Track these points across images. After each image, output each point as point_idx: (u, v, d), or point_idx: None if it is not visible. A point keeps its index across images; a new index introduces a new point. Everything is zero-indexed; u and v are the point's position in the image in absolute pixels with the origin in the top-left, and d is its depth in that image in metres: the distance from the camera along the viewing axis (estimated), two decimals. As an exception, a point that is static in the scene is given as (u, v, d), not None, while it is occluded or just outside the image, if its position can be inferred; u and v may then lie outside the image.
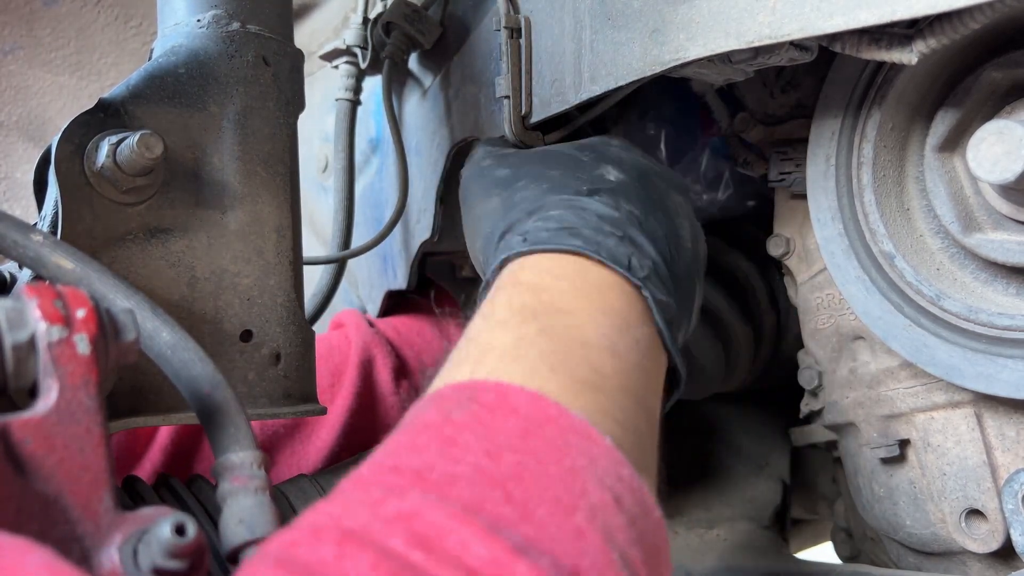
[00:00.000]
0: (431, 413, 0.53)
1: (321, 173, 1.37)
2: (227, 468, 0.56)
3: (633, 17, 0.76)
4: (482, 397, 0.53)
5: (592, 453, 0.51)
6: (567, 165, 0.75)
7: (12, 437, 0.46)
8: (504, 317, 0.61)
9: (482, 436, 0.50)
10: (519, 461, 0.49)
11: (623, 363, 0.60)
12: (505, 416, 0.52)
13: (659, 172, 0.78)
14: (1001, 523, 0.77)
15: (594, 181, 0.72)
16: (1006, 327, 0.72)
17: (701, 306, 0.77)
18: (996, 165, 0.66)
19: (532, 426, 0.51)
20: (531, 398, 0.53)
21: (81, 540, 0.47)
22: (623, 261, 0.65)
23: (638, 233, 0.68)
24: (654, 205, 0.72)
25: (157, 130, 0.72)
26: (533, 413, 0.52)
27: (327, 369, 1.07)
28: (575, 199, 0.70)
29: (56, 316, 0.48)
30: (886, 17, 0.60)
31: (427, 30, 1.06)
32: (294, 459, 1.05)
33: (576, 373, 0.57)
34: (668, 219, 0.72)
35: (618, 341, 0.61)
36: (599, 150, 0.78)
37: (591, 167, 0.74)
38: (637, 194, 0.72)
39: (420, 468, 0.48)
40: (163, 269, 0.74)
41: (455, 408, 0.52)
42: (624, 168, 0.74)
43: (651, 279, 0.66)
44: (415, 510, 0.45)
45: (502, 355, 0.57)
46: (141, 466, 0.99)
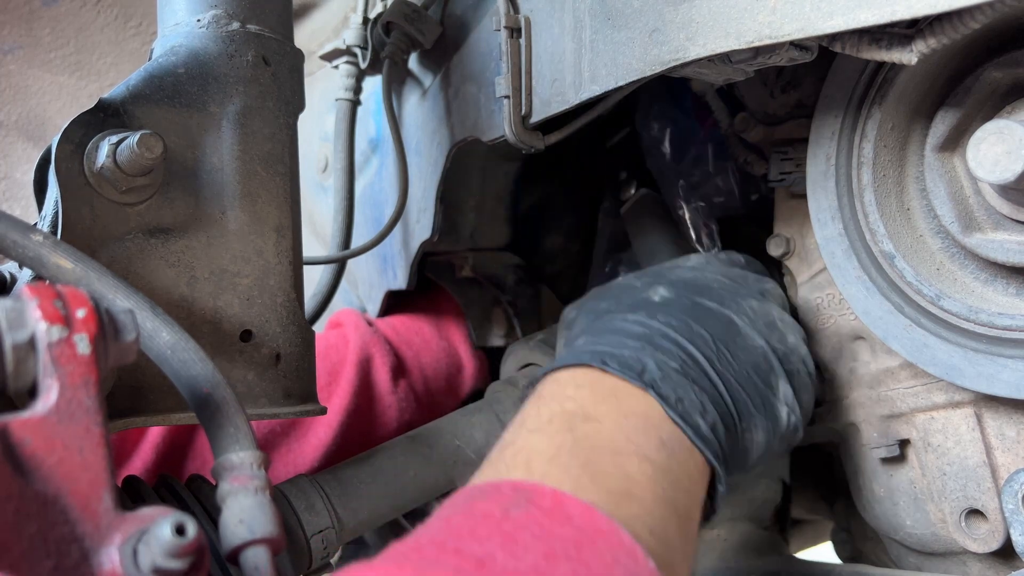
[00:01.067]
0: (490, 505, 0.56)
1: (321, 173, 1.37)
2: (227, 468, 0.56)
3: (633, 17, 0.76)
4: (539, 500, 0.56)
5: (637, 573, 0.54)
6: (618, 294, 0.80)
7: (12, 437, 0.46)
8: (537, 425, 0.65)
9: (540, 538, 0.52)
10: (574, 570, 0.51)
11: (652, 467, 0.63)
12: (562, 523, 0.54)
13: (729, 283, 0.81)
14: (1001, 523, 0.77)
15: (636, 305, 0.77)
16: (1006, 327, 0.72)
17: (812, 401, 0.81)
18: (996, 165, 0.66)
19: (586, 538, 0.54)
20: (585, 511, 0.56)
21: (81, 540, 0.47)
22: (634, 367, 0.69)
23: (667, 340, 0.72)
24: (702, 312, 0.76)
25: (157, 130, 0.72)
26: (586, 525, 0.55)
27: (324, 368, 1.07)
28: (609, 323, 0.75)
29: (56, 316, 0.48)
30: (886, 17, 0.60)
31: (427, 30, 1.06)
32: (290, 457, 1.05)
33: (612, 482, 0.60)
34: (721, 322, 0.76)
35: (643, 443, 0.65)
36: (661, 273, 0.82)
37: (641, 291, 0.79)
38: (680, 306, 0.76)
39: (482, 557, 0.51)
40: (163, 269, 0.74)
41: (513, 506, 0.55)
42: (676, 287, 0.78)
43: (669, 379, 0.69)
44: None
45: (545, 461, 0.61)
46: (132, 463, 0.99)
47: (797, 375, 0.80)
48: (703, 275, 0.82)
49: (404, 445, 0.96)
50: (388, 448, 0.95)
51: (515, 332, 1.29)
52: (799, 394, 0.80)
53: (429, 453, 0.96)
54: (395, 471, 0.92)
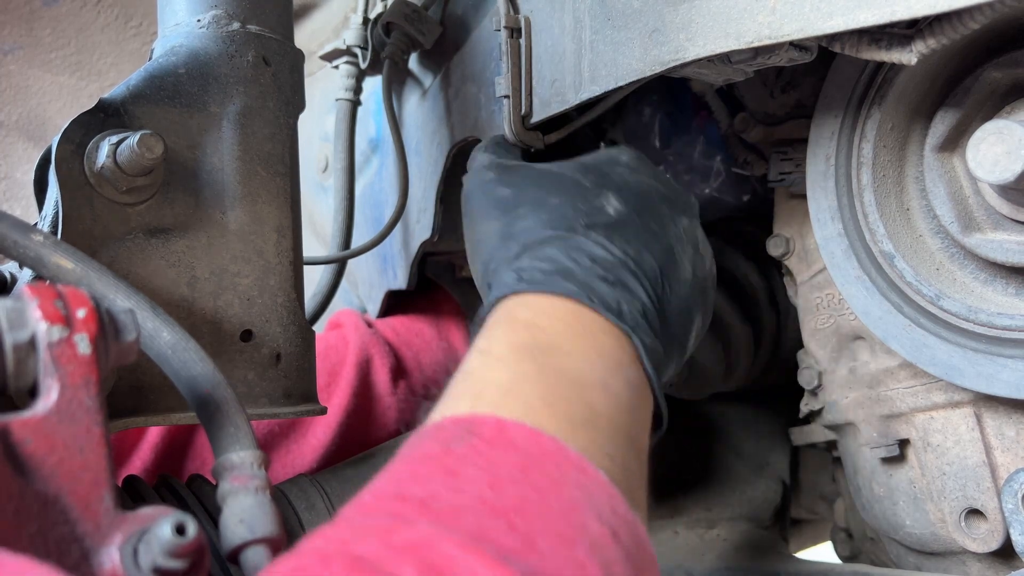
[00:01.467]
0: (431, 444, 0.54)
1: (321, 173, 1.37)
2: (227, 468, 0.56)
3: (633, 17, 0.76)
4: (481, 430, 0.54)
5: (589, 488, 0.53)
6: (568, 191, 0.76)
7: (12, 437, 0.46)
8: (502, 354, 0.63)
9: (483, 468, 0.51)
10: (520, 494, 0.50)
11: (616, 402, 0.62)
12: (504, 449, 0.53)
13: (664, 195, 0.79)
14: (1001, 523, 0.77)
15: (592, 214, 0.74)
16: (1006, 327, 0.72)
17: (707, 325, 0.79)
18: (996, 165, 0.66)
19: (531, 460, 0.52)
20: (529, 433, 0.54)
21: (81, 540, 0.47)
22: (614, 307, 0.67)
23: (630, 276, 0.70)
24: (652, 239, 0.74)
25: (157, 130, 0.72)
26: (531, 448, 0.53)
27: (323, 369, 1.07)
28: (571, 237, 0.72)
29: (56, 316, 0.48)
30: (886, 17, 0.60)
31: (427, 30, 1.06)
32: (289, 458, 1.05)
33: (572, 411, 0.58)
34: (665, 253, 0.74)
35: (611, 381, 0.63)
36: (604, 171, 0.79)
37: (592, 195, 0.75)
38: (634, 229, 0.74)
39: (424, 497, 0.49)
40: (163, 269, 0.74)
41: (454, 440, 0.53)
42: (625, 197, 0.76)
43: (640, 325, 0.68)
44: (425, 539, 0.46)
45: (500, 391, 0.59)
46: (131, 464, 0.99)
47: (708, 301, 0.78)
48: (643, 181, 0.79)
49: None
50: (389, 448, 0.95)
51: (515, 332, 1.28)
52: (704, 319, 0.78)
53: (429, 453, 0.95)
54: (395, 471, 0.92)
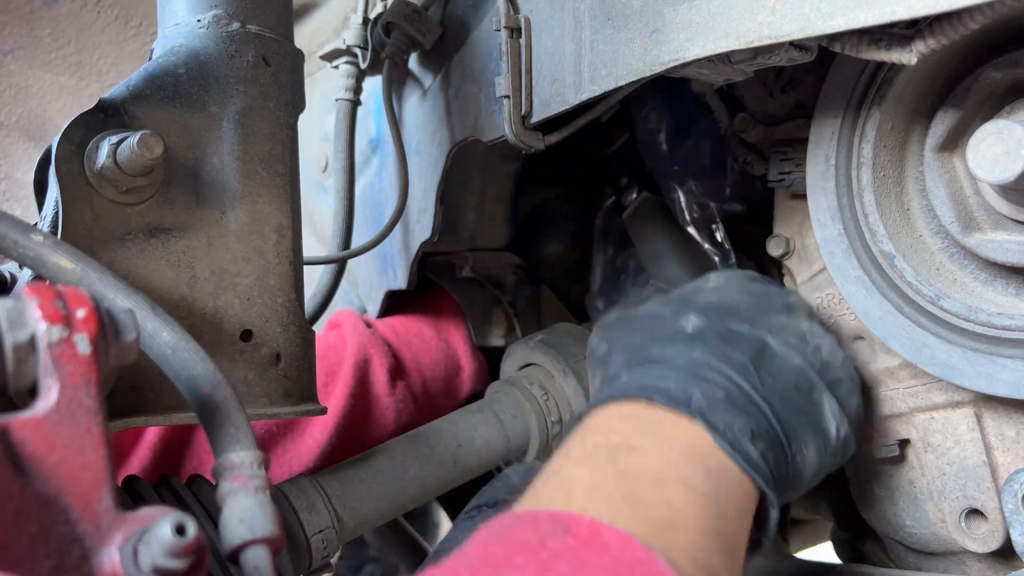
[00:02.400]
0: (527, 533, 0.55)
1: (321, 173, 1.37)
2: (227, 468, 0.56)
3: (633, 17, 0.76)
4: (576, 530, 0.55)
5: None
6: (650, 326, 0.79)
7: (12, 437, 0.46)
8: (581, 457, 0.65)
9: (575, 567, 0.52)
10: None
11: (696, 495, 0.62)
12: (598, 553, 0.54)
13: (754, 302, 0.80)
14: (1001, 523, 0.77)
15: (671, 337, 0.76)
16: (1006, 327, 0.72)
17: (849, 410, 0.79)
18: (996, 165, 0.66)
19: (623, 567, 0.53)
20: (622, 540, 0.55)
21: (81, 540, 0.47)
22: (680, 398, 0.68)
23: (707, 368, 0.71)
24: (735, 338, 0.75)
25: (157, 130, 0.72)
26: (624, 555, 0.54)
27: (322, 369, 1.07)
28: (645, 358, 0.75)
29: (56, 316, 0.48)
30: (886, 17, 0.60)
31: (427, 30, 1.06)
32: (287, 457, 1.06)
33: (653, 511, 0.59)
34: (754, 346, 0.75)
35: (689, 473, 0.64)
36: (687, 298, 0.81)
37: (672, 322, 0.78)
38: (714, 334, 0.75)
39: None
40: (163, 269, 0.74)
41: (550, 535, 0.55)
42: (706, 313, 0.77)
43: (717, 408, 0.69)
44: None
45: (587, 492, 0.60)
46: (129, 464, 0.99)
47: (839, 385, 0.78)
48: (728, 297, 0.81)
49: (404, 445, 0.96)
50: (388, 448, 0.95)
51: (515, 332, 1.29)
52: (844, 404, 0.78)
53: (429, 453, 0.96)
54: (395, 471, 0.92)
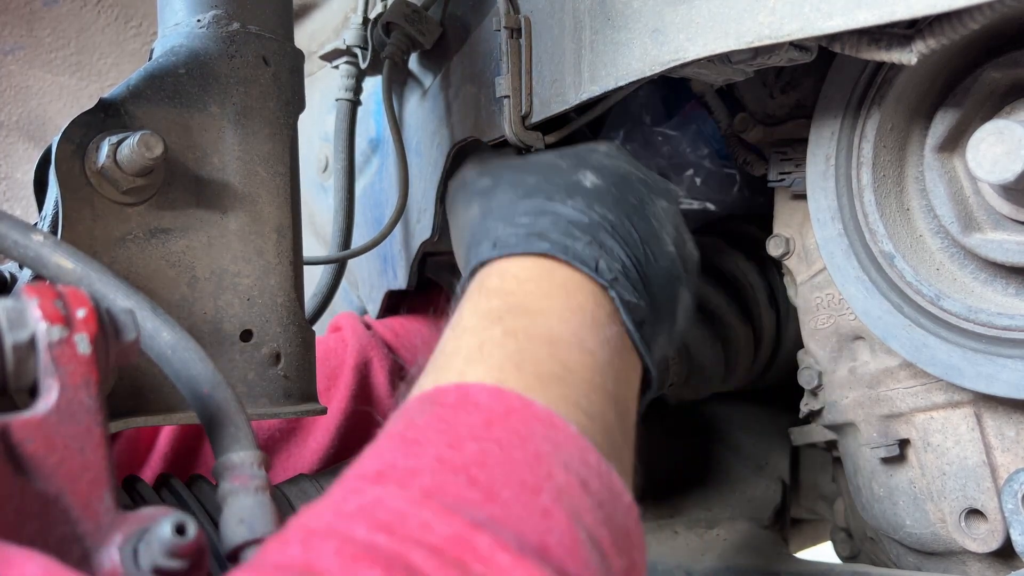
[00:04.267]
0: (394, 423, 0.54)
1: (321, 173, 1.37)
2: (227, 468, 0.56)
3: (633, 17, 0.76)
4: (443, 399, 0.54)
5: (557, 439, 0.52)
6: (545, 171, 0.75)
7: (12, 437, 0.46)
8: (470, 323, 0.62)
9: (443, 431, 0.51)
10: (482, 449, 0.50)
11: (592, 359, 0.60)
12: (467, 412, 0.53)
13: (643, 178, 0.78)
14: (1001, 523, 0.77)
15: (569, 187, 0.72)
16: (1006, 327, 0.72)
17: (695, 307, 0.78)
18: (996, 165, 0.66)
19: (495, 417, 0.52)
20: (492, 392, 0.54)
21: (81, 540, 0.47)
22: (590, 263, 0.66)
23: (608, 237, 0.69)
24: (631, 210, 0.73)
25: (157, 130, 0.72)
26: (495, 406, 0.53)
27: (323, 372, 1.07)
28: (547, 204, 0.70)
29: (56, 316, 0.48)
30: (886, 17, 0.60)
31: (427, 30, 1.06)
32: (290, 462, 1.06)
33: (542, 368, 0.57)
34: (646, 223, 0.73)
35: (587, 338, 0.61)
36: (581, 156, 0.78)
37: (569, 172, 0.75)
38: (613, 199, 0.72)
39: (382, 468, 0.49)
40: (163, 269, 0.74)
41: (417, 415, 0.53)
42: (603, 174, 0.75)
43: (619, 281, 0.66)
44: (375, 501, 0.46)
45: (466, 359, 0.58)
46: (142, 474, 0.99)
47: (691, 281, 0.77)
48: (620, 165, 0.78)
49: (404, 445, 0.96)
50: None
51: (515, 332, 1.28)
52: (692, 301, 0.77)
53: (429, 453, 0.95)
54: (395, 471, 0.92)
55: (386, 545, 0.43)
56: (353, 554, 0.42)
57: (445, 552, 0.44)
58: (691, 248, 0.78)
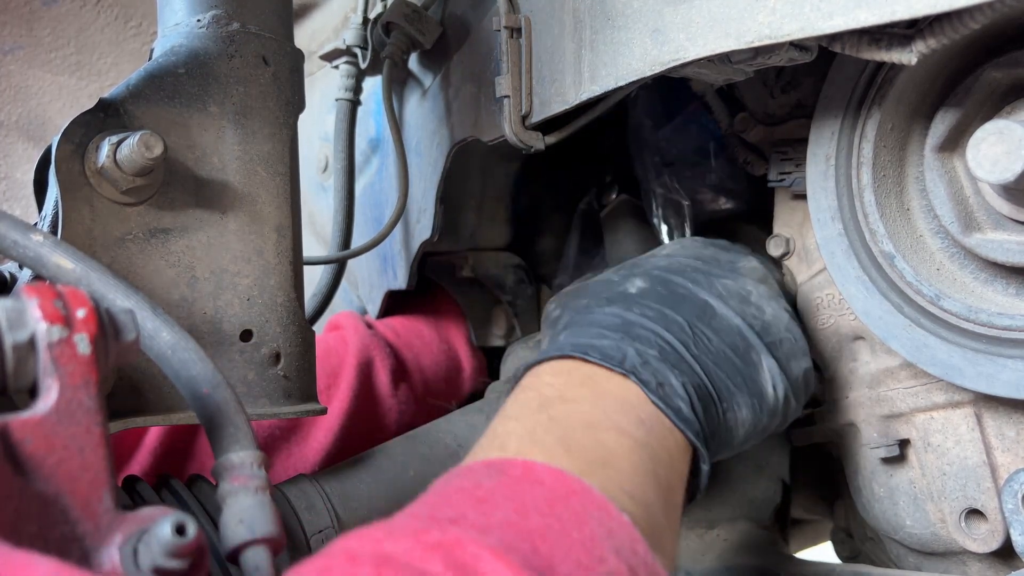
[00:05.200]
0: (461, 480, 0.57)
1: (321, 173, 1.37)
2: (227, 468, 0.56)
3: (633, 17, 0.76)
4: (510, 470, 0.57)
5: (610, 526, 0.55)
6: (597, 290, 0.82)
7: (12, 437, 0.46)
8: (516, 412, 0.67)
9: (511, 499, 0.54)
10: (545, 523, 0.53)
11: (631, 440, 0.65)
12: (532, 486, 0.56)
13: (702, 265, 0.82)
14: (1001, 523, 0.77)
15: (613, 298, 0.79)
16: (1006, 327, 0.72)
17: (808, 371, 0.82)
18: (996, 165, 0.66)
19: (557, 497, 0.55)
20: (555, 474, 0.57)
21: (81, 540, 0.47)
22: (614, 356, 0.71)
23: (642, 329, 0.74)
24: (676, 300, 0.78)
25: (157, 130, 0.72)
26: (557, 486, 0.56)
27: (323, 371, 1.07)
28: (585, 316, 0.77)
29: (56, 316, 0.48)
30: (886, 17, 0.60)
31: (427, 30, 1.06)
32: (291, 461, 1.05)
33: (588, 454, 0.62)
34: (695, 307, 0.77)
35: (622, 421, 0.66)
36: (638, 263, 0.84)
37: (618, 284, 0.81)
38: (655, 296, 0.78)
39: (455, 517, 0.52)
40: (163, 269, 0.74)
41: (485, 478, 0.57)
42: (651, 277, 0.80)
43: (650, 365, 0.71)
44: (456, 540, 0.48)
45: (520, 440, 0.63)
46: (129, 469, 0.98)
47: (780, 346, 0.80)
48: (677, 260, 0.83)
49: (403, 445, 0.96)
50: (388, 448, 0.95)
51: (515, 332, 1.29)
52: (785, 365, 0.79)
53: (428, 453, 0.96)
54: (395, 471, 0.92)
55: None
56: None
57: None
58: (772, 314, 0.81)
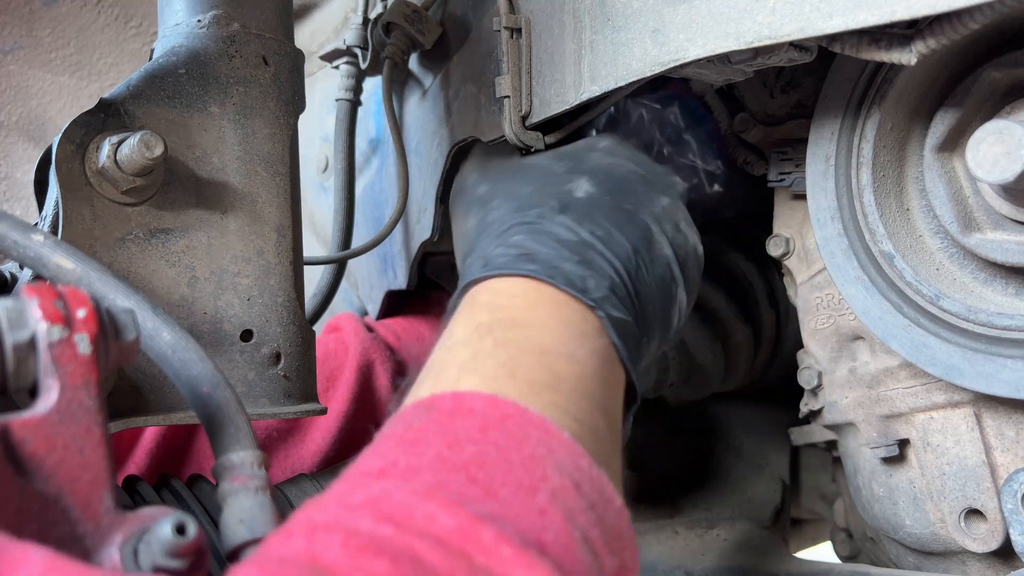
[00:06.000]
0: (392, 427, 0.56)
1: (321, 173, 1.37)
2: (227, 468, 0.56)
3: (633, 17, 0.76)
4: (440, 405, 0.56)
5: (550, 444, 0.54)
6: (539, 180, 0.77)
7: (12, 437, 0.46)
8: (461, 336, 0.64)
9: (441, 434, 0.53)
10: (479, 451, 0.51)
11: (581, 368, 0.62)
12: (463, 417, 0.54)
13: (642, 176, 0.79)
14: (1000, 523, 0.77)
15: (562, 198, 0.74)
16: (1005, 327, 0.72)
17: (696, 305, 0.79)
18: (996, 165, 0.66)
19: (490, 422, 0.54)
20: (487, 400, 0.56)
21: (81, 540, 0.47)
22: (578, 284, 0.67)
23: (596, 255, 0.70)
24: (624, 219, 0.74)
25: (157, 130, 0.72)
26: (491, 412, 0.55)
27: (322, 373, 1.07)
28: (537, 222, 0.72)
29: (57, 316, 0.48)
30: (886, 18, 0.60)
31: (427, 30, 1.06)
32: (288, 462, 1.05)
33: (533, 377, 0.59)
34: (639, 231, 0.74)
35: (575, 350, 0.63)
36: (579, 157, 0.79)
37: (563, 180, 0.76)
38: (605, 210, 0.74)
39: (384, 466, 0.51)
40: (163, 269, 0.74)
41: (415, 419, 0.55)
42: (597, 179, 0.76)
43: (608, 299, 0.68)
44: (381, 493, 0.47)
45: (459, 368, 0.60)
46: (125, 469, 0.98)
47: (690, 279, 0.78)
48: (619, 164, 0.79)
49: (404, 445, 0.96)
50: (388, 448, 0.95)
51: (515, 332, 1.28)
52: (689, 297, 0.79)
53: (429, 453, 0.96)
54: (395, 471, 0.92)
55: (392, 536, 0.44)
56: (359, 546, 0.43)
57: (450, 543, 0.45)
58: (693, 244, 0.79)
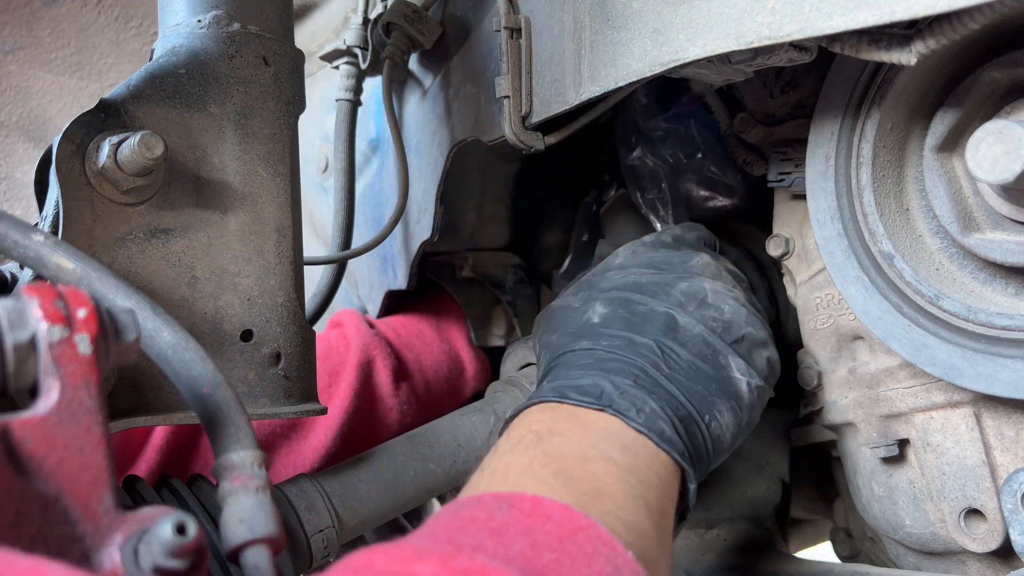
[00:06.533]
0: (474, 511, 0.59)
1: (321, 173, 1.37)
2: (228, 468, 0.56)
3: (633, 17, 0.76)
4: (519, 504, 0.60)
5: (616, 563, 0.58)
6: (562, 322, 0.85)
7: (12, 437, 0.46)
8: (510, 447, 0.70)
9: (524, 533, 0.56)
10: (556, 559, 0.55)
11: (618, 468, 0.68)
12: (543, 521, 0.58)
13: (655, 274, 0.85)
14: (1000, 523, 0.77)
15: (579, 330, 0.82)
16: (1005, 327, 0.72)
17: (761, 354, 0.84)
18: (995, 165, 0.66)
19: (566, 532, 0.58)
20: (563, 509, 0.60)
21: (81, 540, 0.47)
22: (592, 393, 0.74)
23: (615, 363, 0.77)
24: (641, 320, 0.80)
25: (158, 130, 0.72)
26: (566, 522, 0.59)
27: (324, 370, 1.07)
28: (561, 361, 0.81)
29: (57, 316, 0.48)
30: (885, 18, 0.60)
31: (427, 30, 1.06)
32: (290, 459, 1.06)
33: (583, 484, 0.65)
34: (658, 325, 0.80)
35: (607, 449, 0.69)
36: (593, 283, 0.87)
37: (580, 313, 0.84)
38: (620, 322, 0.81)
39: (475, 545, 0.54)
40: (163, 269, 0.74)
41: (496, 510, 0.59)
42: (611, 300, 0.83)
43: (627, 396, 0.74)
44: (482, 568, 0.50)
45: (519, 473, 0.66)
46: (136, 467, 0.99)
47: (742, 343, 0.82)
48: (631, 273, 0.86)
49: (404, 445, 0.96)
50: (388, 448, 0.95)
51: (515, 332, 1.29)
52: (751, 358, 0.82)
53: (429, 453, 0.96)
54: (395, 471, 0.92)
55: None
56: None
57: None
58: (731, 312, 0.83)
